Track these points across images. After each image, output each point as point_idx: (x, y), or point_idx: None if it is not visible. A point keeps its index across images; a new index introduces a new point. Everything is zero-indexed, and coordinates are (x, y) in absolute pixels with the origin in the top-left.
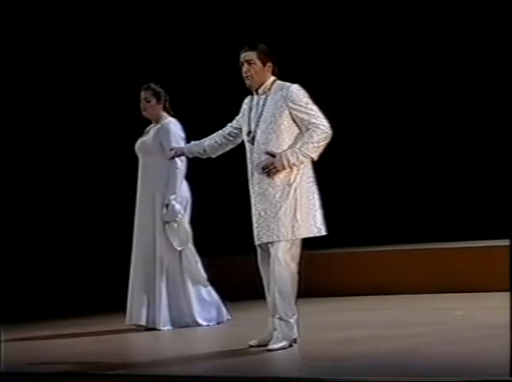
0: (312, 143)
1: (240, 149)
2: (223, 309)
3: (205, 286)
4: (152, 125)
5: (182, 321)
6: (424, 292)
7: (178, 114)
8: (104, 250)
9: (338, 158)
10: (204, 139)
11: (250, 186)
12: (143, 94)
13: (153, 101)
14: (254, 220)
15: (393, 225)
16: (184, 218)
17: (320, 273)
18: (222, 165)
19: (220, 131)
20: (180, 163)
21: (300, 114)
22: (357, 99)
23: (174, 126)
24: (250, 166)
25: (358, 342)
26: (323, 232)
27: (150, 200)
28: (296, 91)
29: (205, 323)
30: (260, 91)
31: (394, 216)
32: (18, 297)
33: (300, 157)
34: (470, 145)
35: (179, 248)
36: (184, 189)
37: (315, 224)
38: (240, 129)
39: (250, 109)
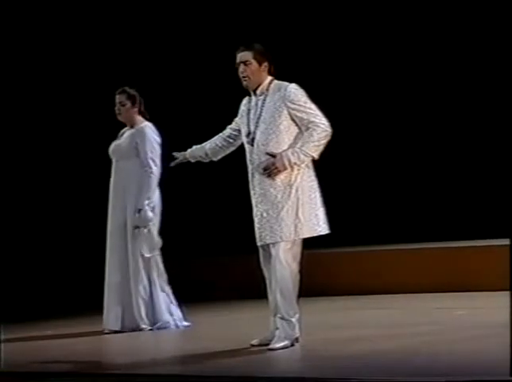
0: (313, 142)
1: (239, 150)
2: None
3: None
4: (126, 128)
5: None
6: (426, 291)
7: (154, 118)
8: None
9: (340, 157)
10: (205, 143)
11: (251, 187)
12: (118, 98)
13: (128, 104)
14: (256, 220)
15: (394, 224)
16: (155, 225)
17: (321, 272)
18: (220, 167)
19: (220, 134)
20: (155, 168)
21: (299, 114)
22: (356, 97)
23: (150, 131)
24: (250, 167)
25: (359, 341)
26: (326, 231)
27: (123, 203)
28: (294, 90)
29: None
30: (258, 91)
31: (396, 215)
32: (19, 296)
33: (301, 156)
34: (472, 145)
35: (147, 255)
36: (155, 196)
37: (317, 223)
38: (239, 130)
39: (249, 110)
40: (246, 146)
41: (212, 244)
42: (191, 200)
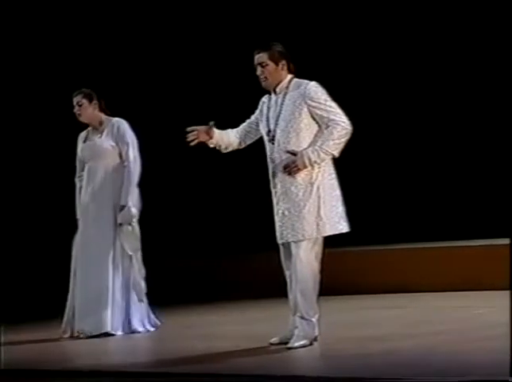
0: (333, 140)
1: (259, 147)
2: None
3: (140, 299)
4: (88, 130)
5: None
6: (446, 290)
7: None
8: None
9: (358, 155)
10: (226, 132)
11: (272, 185)
12: (74, 100)
13: (85, 103)
14: (277, 219)
15: (414, 223)
16: (136, 223)
17: (340, 271)
18: (238, 164)
19: (239, 129)
20: (137, 163)
21: (319, 112)
22: (363, 101)
23: (126, 125)
24: (271, 166)
25: (378, 340)
26: (347, 229)
27: (107, 202)
28: (315, 88)
29: (142, 329)
30: (277, 90)
31: (415, 213)
32: (21, 297)
33: (322, 154)
34: (472, 146)
35: (130, 253)
36: (136, 195)
37: (339, 221)
38: (257, 124)
39: (269, 108)
40: (267, 144)
41: (231, 243)
42: (198, 199)
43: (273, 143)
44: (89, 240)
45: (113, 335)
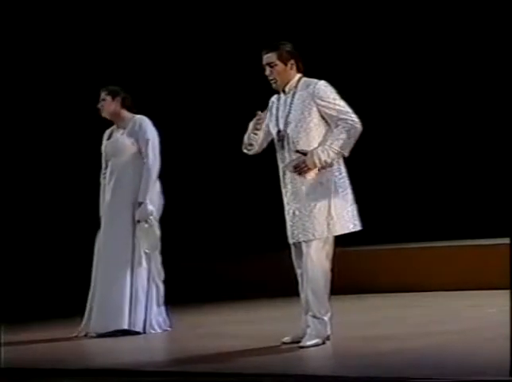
0: (343, 139)
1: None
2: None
3: (159, 302)
4: (113, 127)
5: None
6: (458, 289)
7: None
8: None
9: (361, 155)
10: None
11: (282, 185)
12: (101, 95)
13: (108, 99)
14: (288, 218)
15: (424, 222)
16: (156, 221)
17: (352, 270)
18: (248, 164)
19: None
20: (155, 160)
21: (328, 111)
22: (372, 100)
23: (148, 122)
24: (281, 165)
25: (389, 340)
26: (359, 227)
27: (127, 200)
28: (324, 87)
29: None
30: (286, 89)
31: (426, 213)
32: (39, 295)
33: (331, 154)
34: (473, 146)
35: (147, 251)
36: (156, 192)
37: (349, 220)
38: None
39: (278, 108)
40: (277, 144)
41: (243, 242)
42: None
43: (282, 143)
44: (109, 238)
45: (128, 333)
